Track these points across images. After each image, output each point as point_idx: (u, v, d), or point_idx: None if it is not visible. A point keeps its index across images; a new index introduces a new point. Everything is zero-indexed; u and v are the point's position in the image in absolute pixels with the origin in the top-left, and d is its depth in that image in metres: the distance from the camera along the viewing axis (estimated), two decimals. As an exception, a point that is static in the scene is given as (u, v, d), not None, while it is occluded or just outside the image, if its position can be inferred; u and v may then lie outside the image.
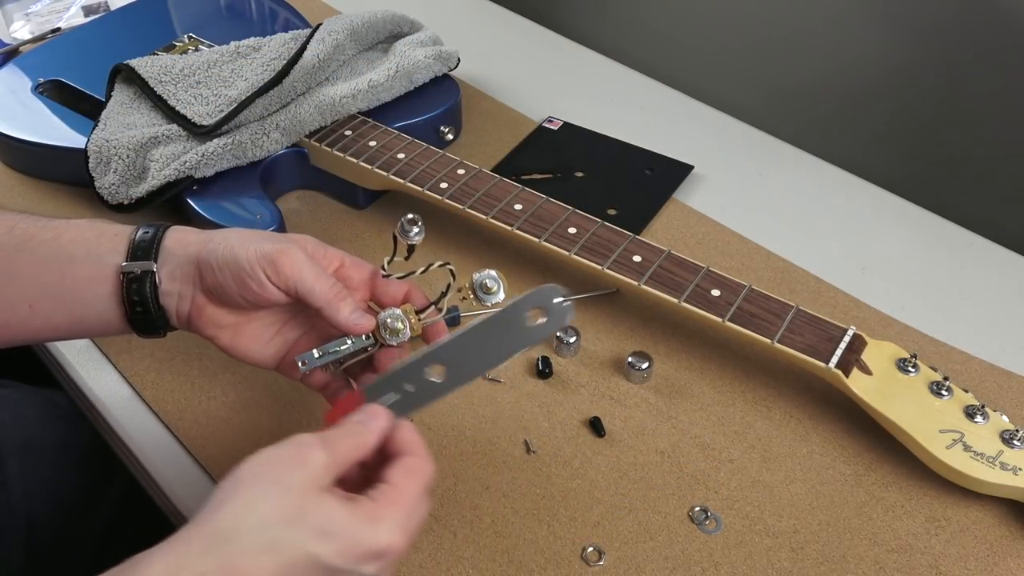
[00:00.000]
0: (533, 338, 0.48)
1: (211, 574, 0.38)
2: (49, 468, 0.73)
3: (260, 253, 0.51)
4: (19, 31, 1.03)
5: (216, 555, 0.39)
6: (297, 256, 0.51)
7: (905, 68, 0.85)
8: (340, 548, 0.41)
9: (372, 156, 0.76)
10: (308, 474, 0.42)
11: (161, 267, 0.53)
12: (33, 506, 0.71)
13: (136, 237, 0.54)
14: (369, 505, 0.43)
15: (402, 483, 0.45)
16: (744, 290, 0.63)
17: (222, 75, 0.82)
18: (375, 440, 0.46)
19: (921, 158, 0.88)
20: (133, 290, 0.53)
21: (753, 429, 0.63)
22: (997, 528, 0.57)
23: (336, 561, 0.41)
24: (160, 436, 0.64)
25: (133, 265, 0.53)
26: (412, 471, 0.45)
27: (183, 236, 0.54)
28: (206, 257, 0.52)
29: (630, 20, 1.05)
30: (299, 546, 0.40)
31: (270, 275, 0.51)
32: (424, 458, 0.46)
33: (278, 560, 0.40)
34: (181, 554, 0.39)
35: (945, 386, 0.59)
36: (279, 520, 0.40)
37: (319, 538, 0.41)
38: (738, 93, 0.97)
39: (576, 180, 0.82)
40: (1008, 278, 0.74)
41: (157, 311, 0.53)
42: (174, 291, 0.53)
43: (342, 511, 0.42)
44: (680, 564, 0.55)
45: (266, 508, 0.41)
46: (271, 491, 0.41)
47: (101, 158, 0.76)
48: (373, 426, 0.47)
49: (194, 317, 0.53)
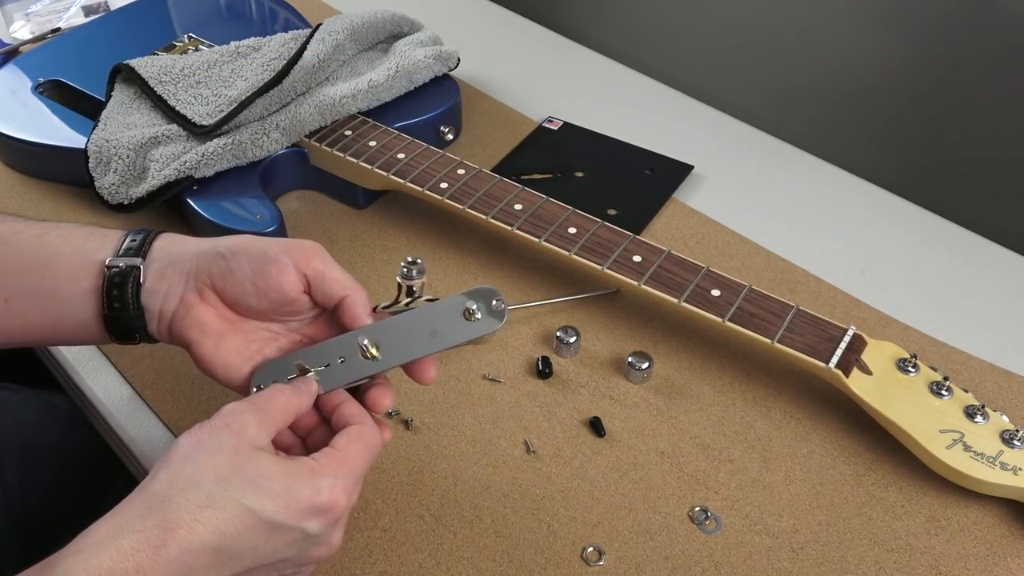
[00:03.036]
0: (466, 334, 0.50)
1: (150, 531, 0.39)
2: (48, 471, 0.73)
3: (284, 245, 0.50)
4: (19, 31, 1.03)
5: (155, 515, 0.40)
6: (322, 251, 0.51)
7: (905, 68, 0.85)
8: (278, 503, 0.42)
9: (372, 156, 0.76)
10: (238, 434, 0.43)
11: (149, 265, 0.51)
12: (32, 509, 0.71)
13: (126, 239, 0.53)
14: (309, 463, 0.44)
15: (344, 446, 0.46)
16: (744, 290, 0.63)
17: (222, 75, 0.82)
18: (308, 400, 0.48)
19: (921, 158, 0.88)
20: (115, 284, 0.51)
21: (753, 429, 0.63)
22: (997, 528, 0.57)
23: (276, 517, 0.42)
24: (161, 436, 0.63)
25: (118, 260, 0.51)
26: (355, 437, 0.46)
27: (179, 238, 0.53)
28: (213, 250, 0.51)
29: (630, 20, 1.05)
30: (236, 500, 0.41)
31: (297, 260, 0.50)
32: (369, 426, 0.47)
33: (217, 516, 0.40)
34: (122, 517, 0.40)
35: (945, 386, 0.59)
36: (213, 478, 0.41)
37: (255, 492, 0.41)
38: (738, 93, 0.97)
39: (576, 180, 0.82)
40: (1008, 278, 0.74)
41: (136, 310, 0.51)
42: (160, 290, 0.51)
43: (277, 466, 0.43)
44: (680, 564, 0.55)
45: (200, 468, 0.42)
46: (204, 454, 0.42)
47: (101, 158, 0.76)
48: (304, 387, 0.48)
49: (179, 317, 0.51)
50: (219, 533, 0.40)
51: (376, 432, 0.47)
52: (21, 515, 0.70)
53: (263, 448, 0.44)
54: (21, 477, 0.71)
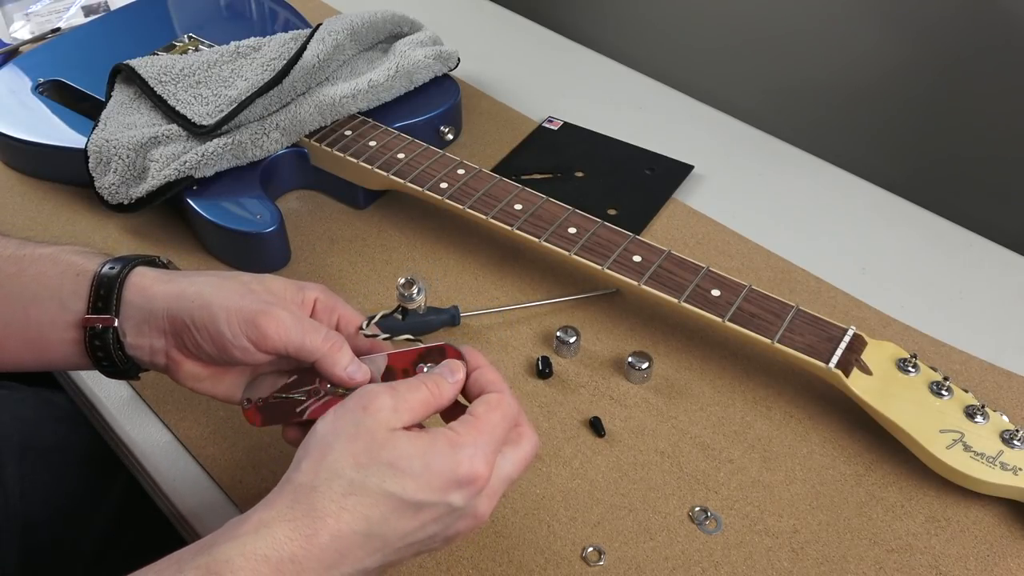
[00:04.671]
0: None
1: (300, 520, 0.40)
2: (48, 470, 0.73)
3: (241, 317, 0.48)
4: (19, 31, 1.03)
5: (302, 504, 0.41)
6: (280, 317, 0.48)
7: (905, 68, 0.85)
8: (418, 482, 0.42)
9: (372, 156, 0.76)
10: (374, 418, 0.43)
11: (124, 321, 0.50)
12: (31, 508, 0.70)
13: (96, 280, 0.51)
14: (448, 434, 0.44)
15: (483, 414, 0.45)
16: (744, 290, 0.63)
17: (222, 75, 0.82)
18: (451, 393, 0.47)
19: (921, 158, 0.88)
20: (97, 345, 0.51)
21: (753, 429, 0.63)
22: (997, 528, 0.57)
23: (418, 496, 0.42)
24: (161, 437, 0.63)
25: (94, 319, 0.50)
26: (495, 405, 0.46)
27: (147, 286, 0.51)
28: (180, 316, 0.49)
29: (630, 20, 1.05)
30: (377, 486, 0.42)
31: (254, 340, 0.48)
32: (506, 394, 0.47)
33: (361, 502, 0.41)
34: (273, 507, 0.41)
35: (945, 386, 0.59)
36: (352, 465, 0.42)
37: (394, 475, 0.42)
38: (738, 93, 0.97)
39: (576, 180, 0.82)
40: (1008, 278, 0.74)
41: (125, 363, 0.52)
42: (144, 345, 0.51)
43: (414, 444, 0.43)
44: (680, 564, 0.55)
45: (338, 456, 0.42)
46: (340, 441, 0.43)
47: (101, 158, 0.76)
48: (451, 379, 0.47)
49: (171, 371, 0.51)
50: (365, 519, 0.41)
51: (514, 403, 0.47)
52: (21, 513, 0.70)
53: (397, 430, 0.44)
54: (21, 475, 0.71)
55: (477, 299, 0.72)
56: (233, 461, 0.61)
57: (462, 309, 0.69)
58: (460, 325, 0.69)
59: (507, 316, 0.70)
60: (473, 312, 0.70)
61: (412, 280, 0.52)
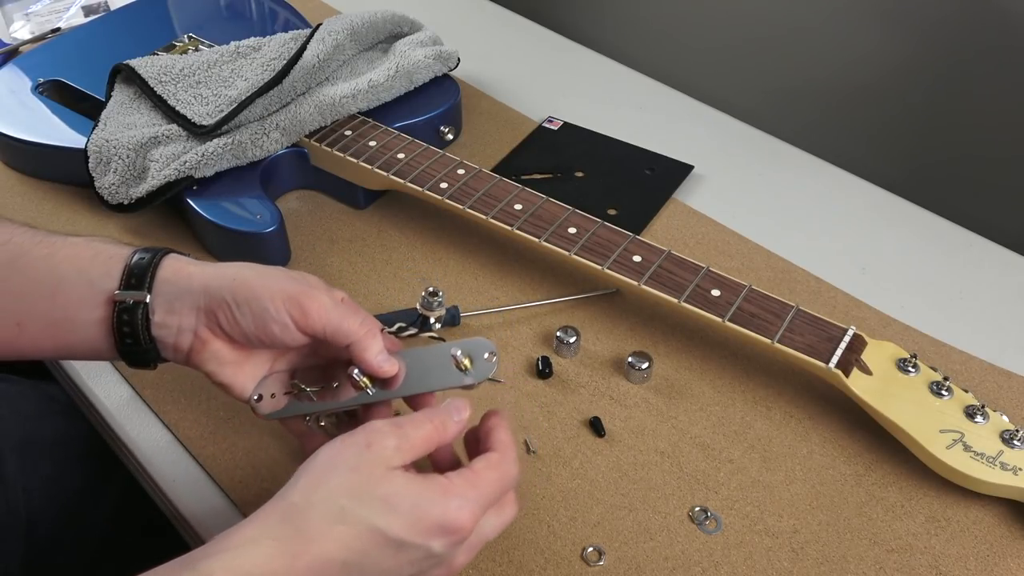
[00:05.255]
0: (455, 381, 0.52)
1: (287, 539, 0.41)
2: (48, 464, 0.73)
3: (285, 295, 0.50)
4: (19, 31, 1.03)
5: (291, 524, 0.42)
6: (323, 299, 0.50)
7: (905, 68, 0.85)
8: (405, 521, 0.43)
9: (372, 156, 0.76)
10: (376, 455, 0.44)
11: (156, 298, 0.51)
12: (32, 502, 0.71)
13: (131, 262, 0.52)
14: (443, 481, 0.45)
15: (481, 470, 0.46)
16: (744, 290, 0.63)
17: (222, 75, 0.82)
18: (455, 431, 0.48)
19: (921, 158, 0.88)
20: (124, 320, 0.51)
21: (753, 429, 0.63)
22: (997, 528, 0.57)
23: (402, 534, 0.42)
24: (160, 437, 0.63)
25: (126, 294, 0.51)
26: (495, 465, 0.46)
27: (182, 267, 0.52)
28: (220, 293, 0.50)
29: (630, 20, 1.05)
30: (365, 519, 0.42)
31: (296, 319, 0.50)
32: (511, 461, 0.47)
33: (347, 532, 0.42)
34: (261, 524, 0.42)
35: (945, 386, 0.59)
36: (346, 494, 0.43)
37: (384, 511, 0.43)
38: (738, 93, 0.97)
39: (576, 180, 0.82)
40: (1008, 278, 0.74)
41: (148, 343, 0.52)
42: (172, 324, 0.52)
43: (410, 485, 0.44)
44: (680, 564, 0.55)
45: (335, 484, 0.43)
46: (340, 470, 0.44)
47: (101, 158, 0.76)
48: (456, 418, 0.48)
49: (195, 351, 0.52)
50: (347, 548, 0.42)
51: (515, 470, 0.47)
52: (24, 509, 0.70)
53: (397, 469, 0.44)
54: (21, 469, 0.71)
55: (477, 299, 0.72)
56: (233, 461, 0.61)
57: (462, 309, 0.69)
58: (460, 325, 0.69)
59: (507, 316, 0.70)
60: (473, 312, 0.70)
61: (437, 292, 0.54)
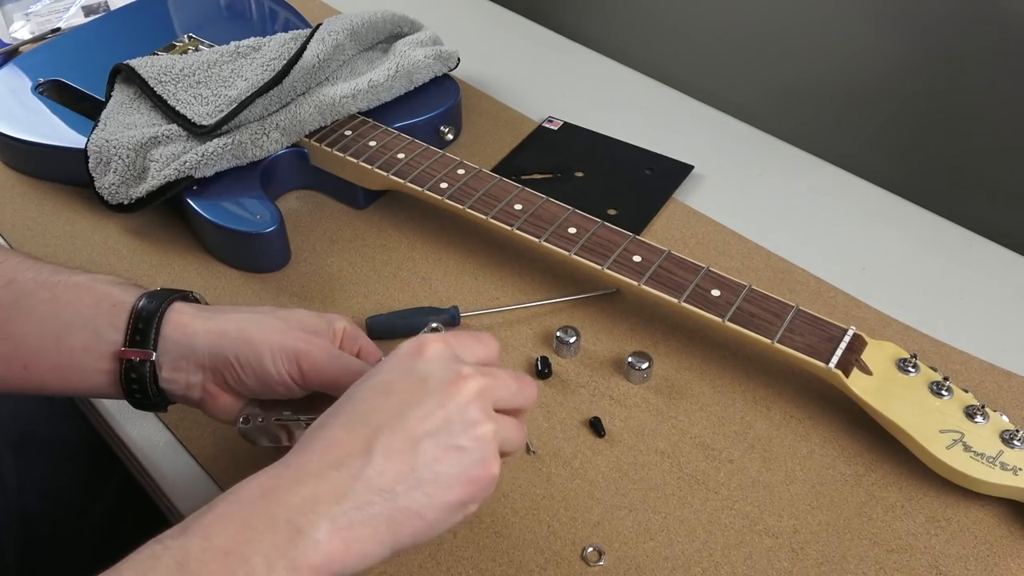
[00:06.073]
0: None
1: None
2: (45, 463, 0.73)
3: (285, 352, 0.50)
4: (19, 31, 1.03)
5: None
6: (319, 355, 0.50)
7: (904, 67, 0.85)
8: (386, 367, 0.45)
9: (372, 156, 0.76)
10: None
11: (162, 356, 0.51)
12: (28, 501, 0.71)
13: (134, 314, 0.52)
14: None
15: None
16: (744, 290, 0.63)
17: (222, 75, 0.82)
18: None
19: (921, 158, 0.88)
20: (132, 378, 0.51)
21: (753, 429, 0.63)
22: (997, 528, 0.57)
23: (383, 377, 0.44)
24: (160, 437, 0.63)
25: (131, 352, 0.51)
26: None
27: (187, 323, 0.52)
28: (223, 354, 0.51)
29: (630, 20, 1.05)
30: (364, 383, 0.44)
31: (295, 378, 0.50)
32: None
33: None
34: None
35: (945, 386, 0.59)
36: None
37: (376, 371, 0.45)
38: (738, 93, 0.97)
39: (576, 180, 0.82)
40: (1008, 278, 0.74)
41: (157, 396, 0.53)
42: (180, 380, 0.52)
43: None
44: (680, 564, 0.55)
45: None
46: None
47: (101, 158, 0.76)
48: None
49: (205, 405, 0.53)
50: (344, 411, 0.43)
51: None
52: (19, 506, 0.70)
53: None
54: (18, 468, 0.71)
55: (477, 299, 0.72)
56: (232, 458, 0.61)
57: (462, 309, 0.69)
58: (460, 325, 0.69)
59: (507, 316, 0.70)
60: (473, 312, 0.70)
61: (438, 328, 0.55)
